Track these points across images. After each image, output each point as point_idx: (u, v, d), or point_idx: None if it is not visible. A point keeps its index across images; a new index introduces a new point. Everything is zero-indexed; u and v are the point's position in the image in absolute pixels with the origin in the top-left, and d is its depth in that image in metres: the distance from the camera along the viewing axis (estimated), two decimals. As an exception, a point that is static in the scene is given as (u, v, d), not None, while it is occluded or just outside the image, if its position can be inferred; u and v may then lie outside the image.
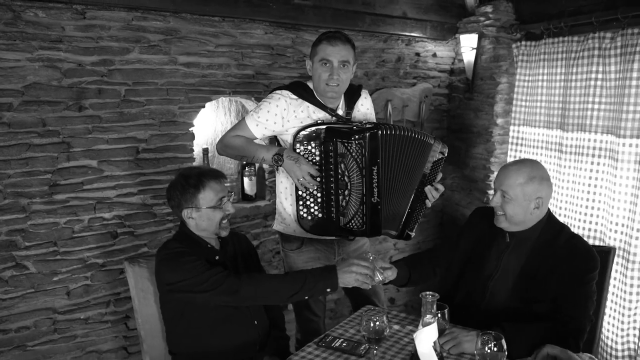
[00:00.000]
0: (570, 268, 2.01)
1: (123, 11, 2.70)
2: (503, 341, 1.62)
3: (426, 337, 1.64)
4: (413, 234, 2.48)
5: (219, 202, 2.11)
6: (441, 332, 1.86)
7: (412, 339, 1.68)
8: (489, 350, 1.62)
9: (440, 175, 2.41)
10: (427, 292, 1.68)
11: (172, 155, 2.97)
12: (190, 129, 3.02)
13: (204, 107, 3.06)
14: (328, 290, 1.95)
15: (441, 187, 2.40)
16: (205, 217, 2.11)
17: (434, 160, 2.36)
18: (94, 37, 2.65)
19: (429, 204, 2.40)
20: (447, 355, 1.89)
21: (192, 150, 3.06)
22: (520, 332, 1.89)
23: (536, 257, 2.09)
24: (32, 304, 2.67)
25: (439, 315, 1.84)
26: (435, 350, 1.63)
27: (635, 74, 2.86)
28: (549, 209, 2.16)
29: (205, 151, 3.14)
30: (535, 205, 2.06)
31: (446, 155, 2.39)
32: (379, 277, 1.99)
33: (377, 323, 1.75)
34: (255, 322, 2.20)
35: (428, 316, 1.67)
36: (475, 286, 2.19)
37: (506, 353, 1.62)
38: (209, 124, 3.28)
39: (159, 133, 2.91)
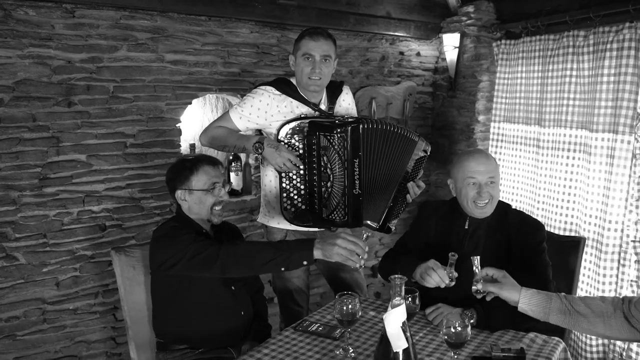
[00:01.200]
0: (526, 241, 2.15)
1: (111, 10, 2.79)
2: (467, 322, 1.70)
3: (394, 319, 1.71)
4: (394, 228, 2.56)
5: (211, 187, 2.18)
6: (412, 315, 1.94)
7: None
8: (455, 330, 1.70)
9: (421, 173, 2.49)
10: (396, 276, 1.76)
11: (159, 151, 3.06)
12: (177, 125, 3.10)
13: (190, 103, 3.15)
14: (304, 262, 1.92)
15: (422, 184, 2.49)
16: (197, 199, 2.17)
17: (417, 157, 2.45)
18: (83, 35, 2.73)
19: (409, 199, 2.49)
20: (412, 326, 1.97)
21: (180, 146, 3.14)
22: (494, 308, 1.97)
23: (492, 237, 2.20)
24: (21, 294, 2.74)
25: (410, 299, 1.93)
26: (404, 331, 1.71)
27: (606, 71, 2.97)
28: None
29: (192, 147, 3.22)
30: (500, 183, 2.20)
31: (429, 153, 2.47)
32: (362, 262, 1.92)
33: (350, 306, 1.83)
34: (242, 313, 2.27)
35: (397, 298, 1.73)
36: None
37: (470, 333, 1.70)
38: (196, 120, 3.37)
39: (147, 129, 3.00)
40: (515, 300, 1.84)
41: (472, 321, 1.97)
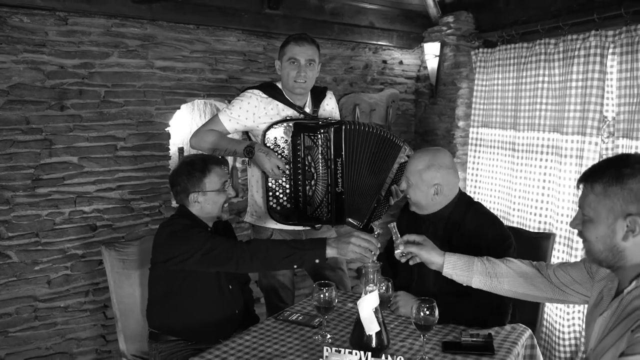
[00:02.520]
0: (479, 243, 2.13)
1: (103, 18, 2.92)
2: (435, 306, 1.81)
3: (367, 304, 1.83)
4: (379, 231, 2.61)
5: (222, 186, 2.28)
6: (385, 302, 2.06)
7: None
8: (423, 314, 1.81)
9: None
10: (369, 264, 1.87)
11: (149, 154, 3.17)
12: (166, 129, 3.22)
13: (179, 108, 3.27)
14: (317, 260, 2.02)
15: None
16: (210, 200, 2.26)
17: (402, 162, 2.57)
18: (76, 41, 2.86)
19: (392, 201, 2.61)
20: (388, 317, 2.08)
21: (169, 149, 3.26)
22: (449, 305, 2.06)
23: (448, 236, 2.21)
24: (14, 291, 2.83)
25: (384, 287, 2.05)
26: (376, 316, 1.83)
27: (574, 76, 3.12)
28: (461, 191, 2.29)
29: (181, 150, 3.34)
30: (435, 191, 2.17)
31: (408, 148, 2.59)
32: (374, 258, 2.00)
33: (327, 294, 1.94)
34: (237, 311, 2.36)
35: (370, 285, 1.85)
36: (405, 268, 2.34)
37: (437, 317, 1.81)
38: (185, 124, 3.49)
39: (137, 132, 3.11)
40: (438, 263, 1.93)
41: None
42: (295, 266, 2.06)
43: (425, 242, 1.97)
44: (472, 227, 2.19)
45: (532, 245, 2.62)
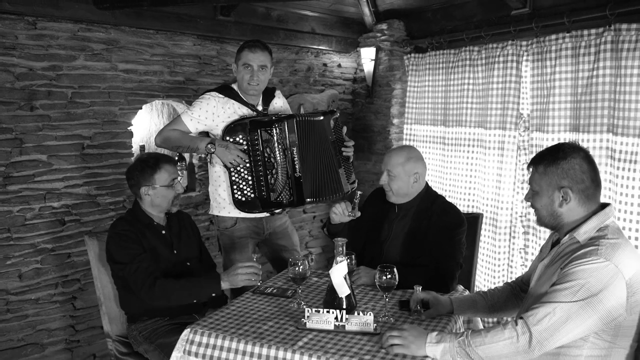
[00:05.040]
0: (442, 226, 2.58)
1: (70, 23, 3.07)
2: (395, 270, 2.16)
3: (338, 272, 2.16)
4: (359, 194, 2.79)
5: (171, 182, 2.55)
6: (350, 272, 2.40)
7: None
8: (385, 278, 2.16)
9: (345, 129, 3.00)
10: (338, 238, 2.21)
11: (113, 151, 3.35)
12: (129, 128, 3.41)
13: (141, 108, 3.47)
14: (213, 295, 2.43)
15: (351, 141, 2.99)
16: (160, 194, 2.54)
17: (332, 125, 2.93)
18: (44, 45, 3.00)
19: (351, 158, 3.00)
20: (354, 285, 2.43)
21: (131, 147, 3.44)
22: (407, 273, 2.45)
23: (417, 221, 2.64)
24: (-13, 285, 2.94)
25: (349, 259, 2.39)
26: (346, 281, 2.17)
27: (495, 79, 3.62)
28: (427, 183, 2.73)
29: (142, 148, 3.53)
30: (414, 179, 2.62)
31: (338, 113, 2.99)
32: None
33: (301, 267, 2.25)
34: None
35: (340, 257, 2.19)
36: (374, 249, 2.73)
37: (397, 280, 2.17)
38: (145, 124, 3.68)
39: (102, 131, 3.29)
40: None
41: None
42: (194, 300, 2.45)
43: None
44: (437, 216, 2.60)
45: (464, 224, 3.05)
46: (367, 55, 4.57)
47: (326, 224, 2.80)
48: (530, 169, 1.96)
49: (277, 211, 2.97)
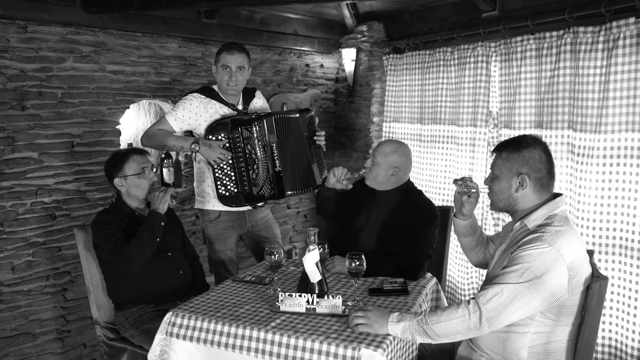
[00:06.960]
0: (416, 219, 2.74)
1: (59, 26, 3.22)
2: (364, 257, 2.32)
3: (310, 260, 2.32)
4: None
5: (141, 171, 2.70)
6: (323, 260, 2.56)
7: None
8: (354, 265, 2.32)
9: (317, 120, 3.15)
10: (310, 228, 2.38)
11: (102, 149, 3.49)
12: (117, 127, 3.56)
13: (128, 108, 3.62)
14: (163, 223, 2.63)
15: (322, 131, 3.14)
16: (132, 184, 2.68)
17: (307, 121, 3.09)
18: (35, 47, 3.15)
19: (323, 147, 3.15)
20: (329, 273, 2.60)
21: (119, 145, 3.59)
22: (379, 260, 2.62)
23: (394, 213, 2.80)
24: (-19, 277, 3.08)
25: (321, 248, 2.55)
26: (318, 268, 2.33)
27: (467, 79, 3.80)
28: (410, 181, 2.89)
29: (130, 145, 3.67)
30: (392, 172, 2.77)
31: (312, 109, 3.15)
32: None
33: (277, 255, 2.41)
34: (181, 272, 2.79)
35: (312, 245, 2.35)
36: (350, 237, 2.89)
37: (365, 267, 2.33)
38: (132, 122, 3.83)
39: (91, 130, 3.43)
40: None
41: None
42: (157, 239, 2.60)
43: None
44: (413, 209, 2.76)
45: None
46: (348, 56, 4.73)
47: (320, 186, 2.98)
48: (494, 155, 2.13)
49: (259, 204, 3.13)
